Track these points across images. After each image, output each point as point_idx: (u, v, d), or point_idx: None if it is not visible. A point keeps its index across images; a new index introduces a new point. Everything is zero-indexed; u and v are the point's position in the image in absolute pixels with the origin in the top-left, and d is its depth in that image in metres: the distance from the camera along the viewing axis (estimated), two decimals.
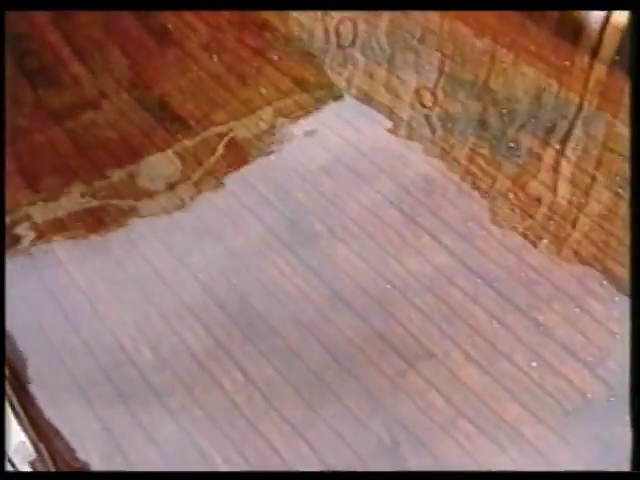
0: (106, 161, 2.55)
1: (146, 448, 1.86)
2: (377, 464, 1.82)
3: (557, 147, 2.54)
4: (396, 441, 1.85)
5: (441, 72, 2.80)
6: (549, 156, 2.52)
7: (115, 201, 2.44)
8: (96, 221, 2.39)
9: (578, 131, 2.58)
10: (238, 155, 2.56)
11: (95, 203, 2.43)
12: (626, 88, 2.56)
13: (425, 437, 1.86)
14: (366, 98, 2.74)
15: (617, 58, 2.73)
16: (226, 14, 3.00)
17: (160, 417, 1.91)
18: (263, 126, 2.64)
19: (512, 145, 2.54)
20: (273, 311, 2.11)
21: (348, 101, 2.74)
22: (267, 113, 2.68)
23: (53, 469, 1.83)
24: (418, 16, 2.94)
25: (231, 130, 2.63)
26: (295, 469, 1.81)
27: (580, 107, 2.67)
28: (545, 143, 2.55)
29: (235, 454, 1.84)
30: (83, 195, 2.45)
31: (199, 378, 1.98)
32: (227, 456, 1.84)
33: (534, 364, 1.99)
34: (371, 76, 2.81)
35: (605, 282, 2.15)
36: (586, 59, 2.79)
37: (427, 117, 2.68)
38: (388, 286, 2.16)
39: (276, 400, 1.93)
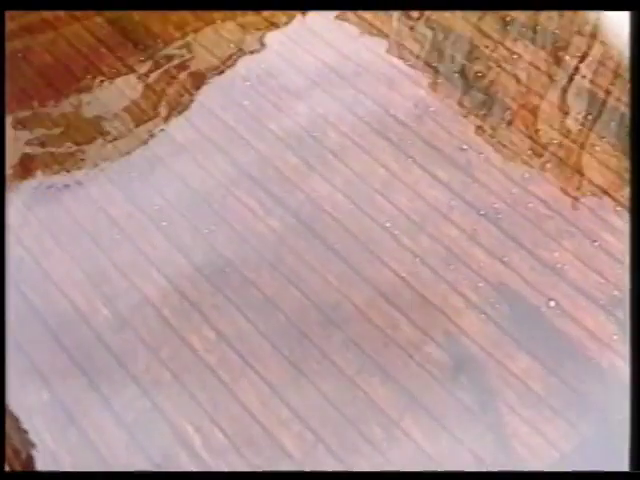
0: (46, 96, 2.33)
1: (104, 419, 1.70)
2: (367, 428, 1.67)
3: (567, 60, 2.33)
4: (389, 401, 1.69)
5: None
6: (557, 71, 2.32)
7: (60, 143, 2.23)
8: (39, 166, 2.19)
9: (590, 44, 2.38)
10: (200, 81, 2.35)
11: (38, 148, 2.22)
12: None
13: (422, 396, 1.70)
14: (344, 11, 2.50)
15: None
16: None
17: (121, 383, 1.75)
18: (227, 46, 2.42)
19: (514, 57, 2.33)
20: (246, 258, 1.94)
21: (323, 15, 2.51)
22: (231, 31, 2.46)
23: None
24: None
25: (190, 52, 2.41)
26: (275, 435, 1.66)
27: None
28: (553, 56, 2.34)
29: (208, 422, 1.69)
30: (22, 138, 2.23)
31: (164, 337, 1.82)
32: (199, 425, 1.69)
33: (545, 308, 1.83)
34: None
35: (622, 213, 1.98)
36: None
37: (414, 31, 2.46)
38: (375, 226, 1.99)
39: (252, 359, 1.77)
